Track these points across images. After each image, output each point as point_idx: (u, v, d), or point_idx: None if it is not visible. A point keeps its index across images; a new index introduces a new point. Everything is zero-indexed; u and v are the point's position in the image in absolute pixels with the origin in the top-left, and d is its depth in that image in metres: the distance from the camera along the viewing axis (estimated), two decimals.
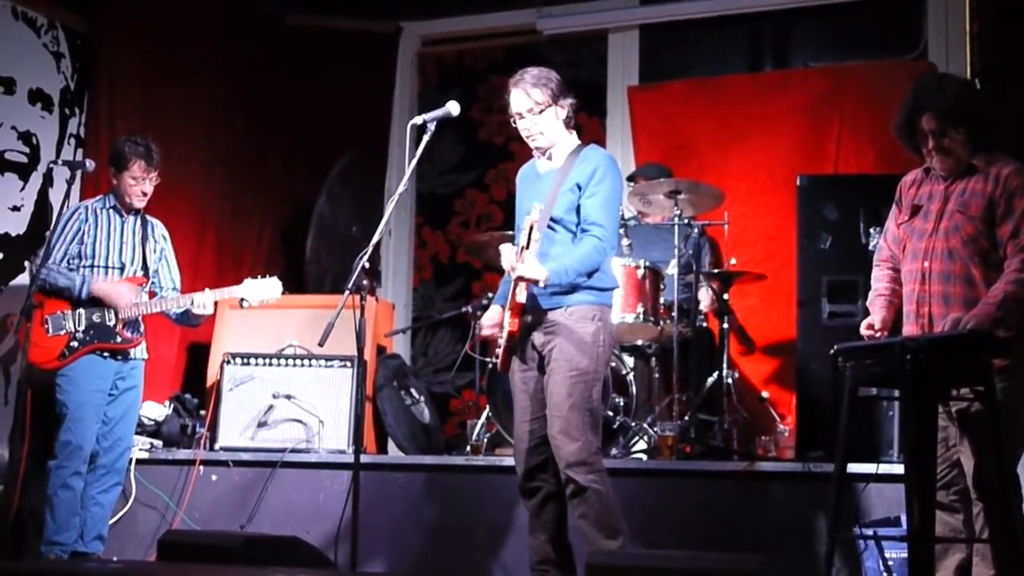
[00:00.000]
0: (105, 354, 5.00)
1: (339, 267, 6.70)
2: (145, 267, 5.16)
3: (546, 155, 4.21)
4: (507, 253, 4.03)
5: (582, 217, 4.06)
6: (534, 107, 4.09)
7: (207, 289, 5.10)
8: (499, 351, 4.19)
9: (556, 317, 4.04)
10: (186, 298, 5.09)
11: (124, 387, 5.08)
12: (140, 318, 5.12)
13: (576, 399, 3.97)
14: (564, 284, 3.98)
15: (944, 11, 6.65)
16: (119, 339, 5.00)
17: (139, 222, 5.19)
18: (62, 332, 4.93)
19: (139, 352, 5.15)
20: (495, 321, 4.25)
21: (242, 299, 5.08)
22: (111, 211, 5.13)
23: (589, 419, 4.00)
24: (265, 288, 5.08)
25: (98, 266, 5.04)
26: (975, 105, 3.75)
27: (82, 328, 4.95)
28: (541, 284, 3.91)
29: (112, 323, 4.98)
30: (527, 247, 3.92)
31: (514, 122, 4.16)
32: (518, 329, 4.02)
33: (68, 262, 5.02)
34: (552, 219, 4.07)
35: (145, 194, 5.12)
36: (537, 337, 4.08)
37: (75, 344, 4.94)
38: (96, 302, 4.97)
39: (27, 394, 5.04)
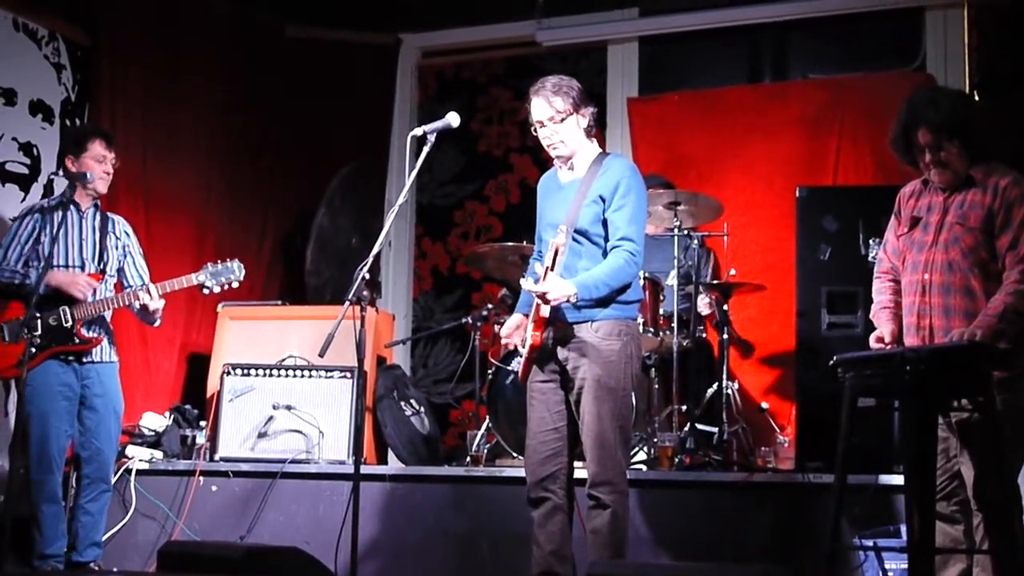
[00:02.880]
0: (70, 357, 4.91)
1: (339, 278, 6.70)
2: (104, 263, 5.06)
3: (567, 165, 4.17)
4: (531, 275, 3.98)
5: (611, 232, 4.01)
6: (555, 115, 4.05)
7: (150, 284, 4.98)
8: (520, 360, 4.16)
9: (582, 334, 4.00)
10: (129, 294, 4.98)
11: (93, 395, 4.98)
12: (108, 320, 5.04)
13: (607, 420, 3.95)
14: (594, 298, 3.95)
15: (943, 23, 6.66)
16: (77, 340, 4.89)
17: (99, 218, 5.10)
18: (20, 339, 4.77)
19: (105, 355, 5.03)
20: (513, 329, 4.20)
21: (203, 286, 5.00)
22: (68, 206, 5.00)
23: (620, 436, 4.00)
24: (225, 272, 5.00)
25: (57, 265, 4.92)
26: (969, 116, 3.75)
27: (39, 333, 4.80)
28: (570, 300, 3.87)
29: (69, 324, 4.87)
30: (552, 268, 3.88)
31: (534, 131, 4.11)
32: (540, 343, 3.99)
33: (26, 264, 4.91)
34: (577, 231, 4.02)
35: (108, 174, 5.05)
36: (561, 352, 4.04)
37: (33, 350, 4.75)
38: (52, 300, 4.86)
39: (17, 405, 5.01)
